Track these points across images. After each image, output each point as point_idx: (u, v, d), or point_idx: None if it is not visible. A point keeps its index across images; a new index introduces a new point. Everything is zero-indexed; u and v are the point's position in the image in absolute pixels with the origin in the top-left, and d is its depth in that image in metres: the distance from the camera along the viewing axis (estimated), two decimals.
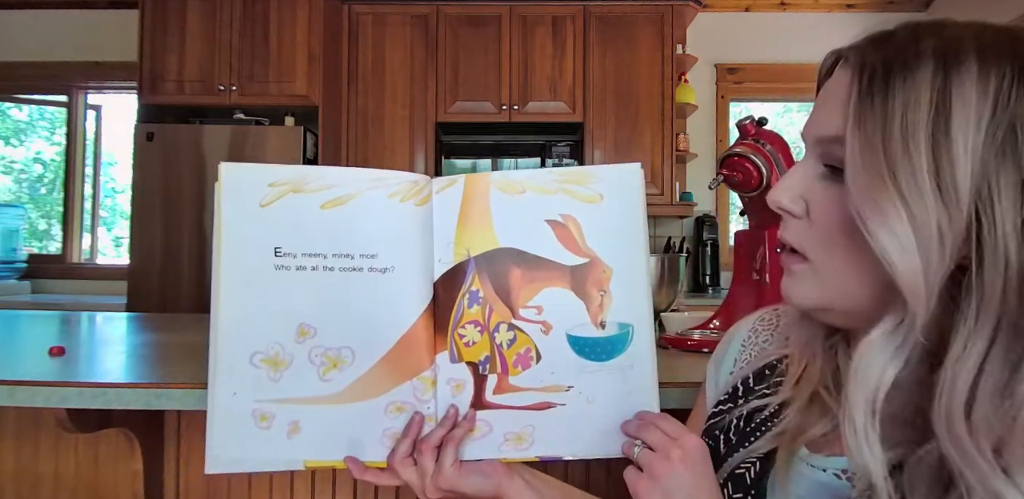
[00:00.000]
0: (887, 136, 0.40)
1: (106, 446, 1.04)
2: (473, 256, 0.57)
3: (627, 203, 0.57)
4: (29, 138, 3.83)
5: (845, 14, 3.49)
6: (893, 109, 0.41)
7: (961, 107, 0.39)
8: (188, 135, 2.81)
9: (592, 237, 0.57)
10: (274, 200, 0.55)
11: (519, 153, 3.31)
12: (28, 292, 3.37)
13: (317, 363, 0.56)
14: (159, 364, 0.99)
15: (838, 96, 0.45)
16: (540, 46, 3.14)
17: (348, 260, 0.55)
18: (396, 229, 0.56)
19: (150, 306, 2.70)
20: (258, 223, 0.55)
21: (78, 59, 3.45)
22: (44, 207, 3.83)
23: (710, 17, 3.44)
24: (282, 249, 0.55)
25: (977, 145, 0.39)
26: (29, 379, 0.81)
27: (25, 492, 1.04)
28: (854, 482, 0.47)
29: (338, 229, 0.56)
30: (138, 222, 2.78)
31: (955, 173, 0.39)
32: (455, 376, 0.57)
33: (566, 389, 0.57)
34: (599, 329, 0.57)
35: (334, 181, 0.56)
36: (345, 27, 3.14)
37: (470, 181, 0.58)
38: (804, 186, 0.47)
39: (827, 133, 0.46)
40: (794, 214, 0.48)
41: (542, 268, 0.57)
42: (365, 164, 3.14)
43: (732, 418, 0.57)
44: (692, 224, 3.42)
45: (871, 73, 0.43)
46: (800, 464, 0.51)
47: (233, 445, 0.55)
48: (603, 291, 0.57)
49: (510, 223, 0.57)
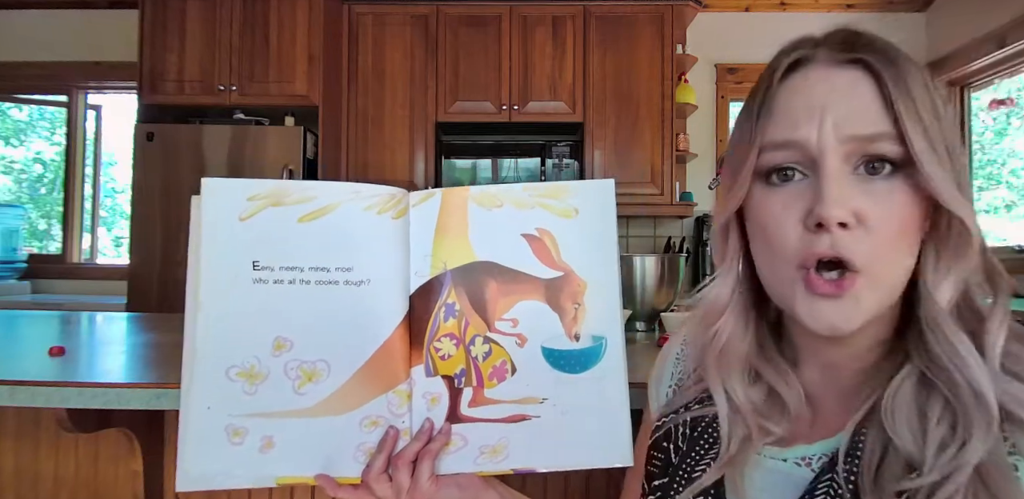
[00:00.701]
0: (928, 120, 0.45)
1: (106, 446, 1.04)
2: (450, 269, 0.57)
3: (601, 218, 0.58)
4: (29, 138, 3.83)
5: (845, 14, 3.49)
6: (919, 96, 0.45)
7: (935, 90, 0.47)
8: (188, 135, 2.81)
9: (567, 251, 0.58)
10: (254, 213, 0.56)
11: (519, 153, 3.31)
12: (28, 292, 3.37)
13: (293, 376, 0.55)
14: (159, 364, 0.99)
15: (852, 93, 0.46)
16: (540, 46, 3.14)
17: (324, 273, 0.56)
18: (372, 242, 0.56)
19: (150, 306, 2.70)
20: (238, 237, 0.55)
21: (78, 59, 3.45)
22: (44, 207, 3.83)
23: (710, 17, 3.44)
24: (260, 262, 0.55)
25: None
26: (29, 379, 0.81)
27: (25, 492, 1.04)
28: (812, 467, 0.48)
29: (315, 242, 0.56)
30: (138, 222, 2.78)
31: (955, 140, 0.46)
32: (430, 389, 0.57)
33: (541, 401, 0.57)
34: (573, 341, 0.57)
35: (312, 194, 0.56)
36: (345, 27, 3.14)
37: (447, 195, 0.58)
38: (850, 194, 0.45)
39: (866, 131, 0.45)
40: (851, 225, 0.45)
41: (518, 281, 0.57)
42: (365, 164, 3.15)
43: (676, 424, 0.57)
44: (692, 224, 3.42)
45: (887, 65, 0.46)
46: (757, 457, 0.51)
47: (205, 461, 0.55)
48: (577, 304, 0.57)
49: (487, 236, 0.58)
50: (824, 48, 0.49)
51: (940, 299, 0.46)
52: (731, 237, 0.54)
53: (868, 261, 0.45)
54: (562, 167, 3.24)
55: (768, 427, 0.51)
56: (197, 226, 0.56)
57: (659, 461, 0.57)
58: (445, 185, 3.25)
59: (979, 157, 3.36)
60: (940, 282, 0.46)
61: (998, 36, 2.97)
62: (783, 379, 0.53)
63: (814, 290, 0.46)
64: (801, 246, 0.46)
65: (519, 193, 0.58)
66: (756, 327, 0.55)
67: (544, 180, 3.26)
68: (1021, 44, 2.86)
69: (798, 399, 0.53)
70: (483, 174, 3.35)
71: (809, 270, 0.46)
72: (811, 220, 0.45)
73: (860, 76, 0.47)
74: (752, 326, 0.55)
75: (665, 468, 0.56)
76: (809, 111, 0.47)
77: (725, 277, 0.55)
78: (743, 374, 0.54)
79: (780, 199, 0.48)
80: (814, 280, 0.46)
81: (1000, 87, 3.19)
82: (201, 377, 0.55)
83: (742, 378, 0.54)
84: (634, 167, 3.14)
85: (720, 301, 0.55)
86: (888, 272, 0.46)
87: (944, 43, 3.32)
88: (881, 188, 0.45)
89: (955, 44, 3.23)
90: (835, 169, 0.45)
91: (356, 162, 3.14)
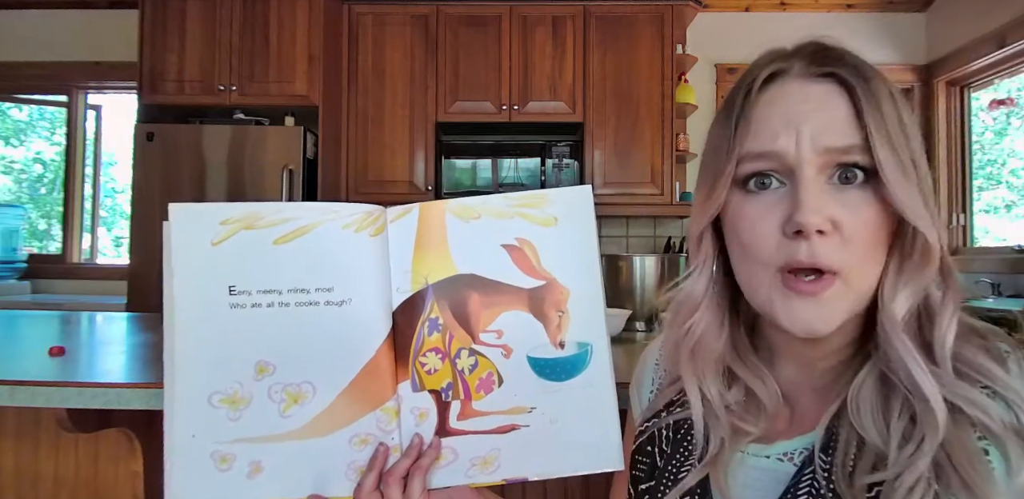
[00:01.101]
0: (895, 134, 0.46)
1: (106, 446, 1.04)
2: (431, 283, 0.57)
3: (580, 224, 0.58)
4: (29, 138, 3.83)
5: (845, 14, 3.49)
6: (887, 107, 0.47)
7: (902, 106, 0.49)
8: (188, 135, 2.81)
9: (548, 259, 0.58)
10: (226, 238, 0.55)
11: (519, 153, 3.31)
12: (28, 292, 3.37)
13: (277, 400, 0.55)
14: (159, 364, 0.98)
15: (826, 106, 0.48)
16: (540, 46, 3.14)
17: (304, 295, 0.55)
18: (352, 261, 0.56)
19: (150, 306, 2.69)
20: (211, 262, 0.55)
21: (78, 59, 3.45)
22: (44, 207, 3.83)
23: (710, 17, 3.44)
24: (236, 287, 0.55)
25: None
26: (29, 379, 0.82)
27: (25, 492, 1.04)
28: (795, 461, 0.50)
29: (292, 264, 0.55)
30: (138, 222, 2.78)
31: (920, 156, 0.48)
32: (418, 405, 0.57)
33: (529, 410, 0.57)
34: (559, 349, 0.57)
35: (287, 215, 0.55)
36: (345, 27, 3.14)
37: (425, 209, 0.58)
38: (825, 202, 0.47)
39: (840, 143, 0.47)
40: (828, 232, 0.46)
41: (500, 292, 0.57)
42: (365, 164, 3.15)
43: (659, 428, 0.58)
44: None
45: (859, 80, 0.48)
46: (740, 455, 0.52)
47: (193, 489, 0.54)
48: (561, 312, 0.57)
49: (467, 249, 0.57)
50: (798, 61, 0.50)
51: (896, 310, 0.47)
52: (706, 240, 0.56)
53: (844, 266, 0.47)
54: (562, 167, 3.24)
55: (744, 427, 0.52)
56: (169, 252, 0.55)
57: (644, 465, 0.57)
58: (445, 185, 3.25)
59: (979, 157, 3.36)
60: (898, 293, 0.48)
61: (998, 36, 2.97)
62: (759, 378, 0.54)
63: (793, 288, 0.47)
64: (780, 252, 0.48)
65: (497, 203, 0.58)
66: (731, 326, 0.56)
67: (544, 180, 3.26)
68: (1021, 44, 2.86)
69: (775, 398, 0.54)
70: (483, 174, 3.35)
71: (787, 273, 0.48)
72: (790, 227, 0.47)
73: (833, 89, 0.48)
74: (727, 324, 0.56)
75: (651, 472, 0.56)
76: (787, 123, 0.48)
77: (699, 274, 0.56)
78: (717, 374, 0.55)
79: (758, 206, 0.49)
80: (792, 280, 0.48)
81: (1000, 87, 3.19)
82: (183, 405, 0.54)
83: (716, 378, 0.55)
84: (634, 167, 3.14)
85: (694, 296, 0.56)
86: (861, 278, 0.48)
87: (944, 43, 3.32)
88: (853, 197, 0.47)
89: (955, 44, 3.23)
90: (811, 178, 0.47)
91: (356, 162, 3.14)
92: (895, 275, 0.48)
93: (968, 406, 0.44)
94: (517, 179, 3.30)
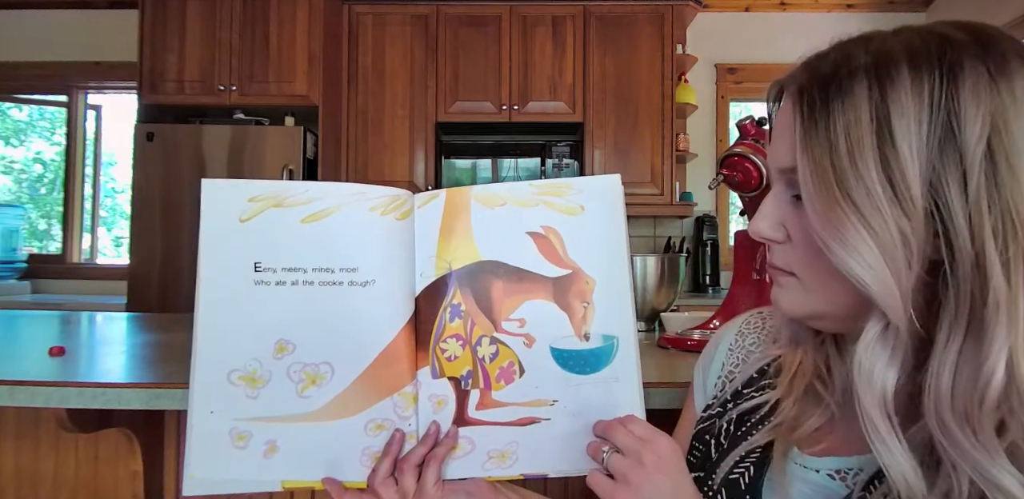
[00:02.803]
0: (835, 158, 0.42)
1: (106, 446, 1.04)
2: (455, 269, 0.57)
3: (608, 214, 0.57)
4: (29, 138, 3.83)
5: (845, 14, 3.49)
6: (836, 132, 0.42)
7: (900, 116, 0.40)
8: (188, 135, 2.80)
9: (574, 248, 0.57)
10: (254, 215, 0.55)
11: (519, 153, 3.31)
12: (28, 292, 3.37)
13: (295, 379, 0.55)
14: (159, 364, 0.99)
15: (786, 126, 0.47)
16: (540, 46, 3.14)
17: (328, 274, 0.55)
18: (377, 242, 0.56)
19: (150, 306, 2.70)
20: (238, 238, 0.55)
21: (78, 59, 3.45)
22: (44, 207, 3.83)
23: (710, 17, 3.44)
24: (262, 264, 0.55)
25: (922, 149, 0.40)
26: (29, 379, 0.81)
27: (25, 492, 1.04)
28: (848, 483, 0.47)
29: (318, 243, 0.55)
30: (138, 222, 2.78)
31: (907, 179, 0.40)
32: (437, 392, 0.56)
33: (551, 403, 0.56)
34: (583, 341, 0.57)
35: (315, 195, 0.56)
36: (345, 27, 3.14)
37: (451, 195, 0.58)
38: (779, 213, 0.49)
39: (784, 164, 0.47)
40: (776, 241, 0.50)
41: (524, 280, 0.57)
42: (365, 164, 3.14)
43: (723, 422, 0.57)
44: (692, 224, 3.42)
45: (810, 99, 0.44)
46: (792, 466, 0.50)
47: (210, 466, 0.55)
48: (586, 303, 0.57)
49: (491, 236, 0.57)
50: (790, 77, 0.49)
51: (943, 384, 0.40)
52: None
53: (796, 269, 0.49)
54: (562, 167, 3.23)
55: (821, 392, 0.51)
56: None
57: (699, 453, 0.56)
58: (445, 185, 3.25)
59: None
60: (943, 366, 0.41)
61: None
62: (839, 354, 0.53)
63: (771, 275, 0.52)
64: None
65: (523, 190, 0.58)
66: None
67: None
68: None
69: (846, 374, 0.51)
70: (483, 174, 3.35)
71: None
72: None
73: (791, 109, 0.46)
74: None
75: (703, 462, 0.55)
76: (771, 142, 0.50)
77: None
78: (815, 333, 0.54)
79: None
80: (768, 270, 0.52)
81: None
82: (203, 381, 0.55)
83: (815, 343, 0.54)
84: (634, 167, 3.14)
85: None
86: (813, 278, 0.48)
87: None
88: (804, 212, 0.46)
89: None
90: (777, 192, 0.50)
91: (356, 162, 3.14)
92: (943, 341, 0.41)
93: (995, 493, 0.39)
94: (517, 179, 3.30)
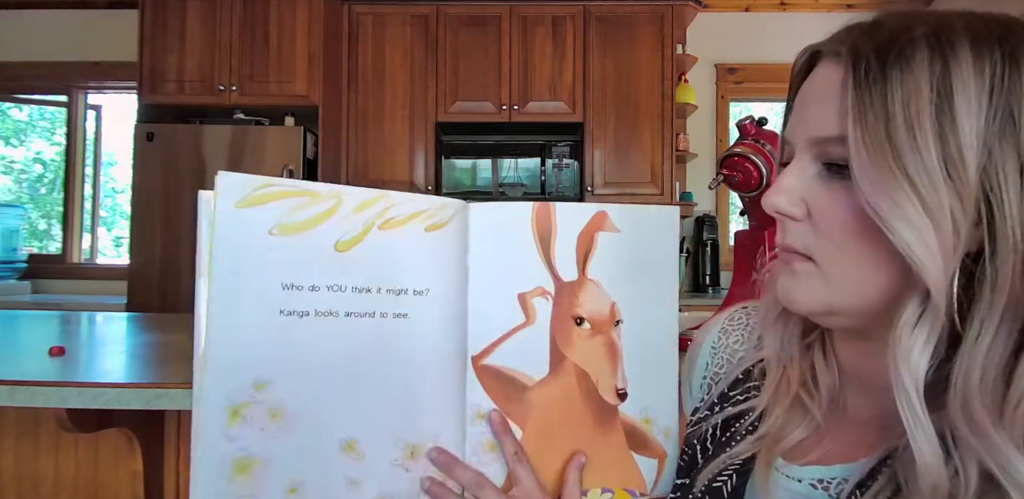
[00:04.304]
0: (892, 128, 0.40)
1: (106, 446, 1.04)
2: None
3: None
4: (29, 138, 3.83)
5: (845, 14, 3.48)
6: (893, 100, 0.40)
7: (963, 93, 0.39)
8: (188, 135, 2.81)
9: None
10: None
11: (519, 153, 3.31)
12: (28, 292, 3.37)
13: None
14: (159, 364, 0.99)
15: (828, 93, 0.44)
16: (540, 46, 3.14)
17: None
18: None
19: (150, 306, 2.70)
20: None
21: (78, 59, 3.45)
22: (44, 207, 3.83)
23: (710, 17, 3.44)
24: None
25: (980, 131, 0.39)
26: (29, 379, 0.81)
27: (25, 492, 1.04)
28: (831, 492, 0.46)
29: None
30: (138, 222, 2.78)
31: (964, 160, 0.39)
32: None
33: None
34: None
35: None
36: (345, 27, 3.14)
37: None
38: (803, 188, 0.45)
39: (824, 133, 0.44)
40: (795, 217, 0.45)
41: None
42: (365, 164, 3.14)
43: (708, 426, 0.56)
44: (692, 224, 3.42)
45: (866, 65, 0.41)
46: (776, 475, 0.49)
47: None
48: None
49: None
50: (840, 42, 0.45)
51: (903, 368, 0.40)
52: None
53: (816, 253, 0.45)
54: (562, 167, 3.24)
55: (807, 402, 0.50)
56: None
57: (687, 457, 0.56)
58: (445, 185, 3.25)
59: None
60: (902, 340, 0.41)
61: None
62: (827, 364, 0.51)
63: (781, 261, 0.47)
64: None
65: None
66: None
67: (544, 180, 3.26)
68: None
69: (833, 388, 0.50)
70: (483, 174, 3.35)
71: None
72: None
73: (838, 74, 0.43)
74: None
75: (690, 467, 0.55)
76: (796, 111, 0.47)
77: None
78: (799, 344, 0.52)
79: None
80: (779, 255, 0.48)
81: None
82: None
83: (797, 346, 0.52)
84: (634, 167, 3.14)
85: None
86: (837, 268, 0.44)
87: None
88: (838, 186, 0.44)
89: None
90: (801, 165, 0.45)
91: (356, 162, 3.14)
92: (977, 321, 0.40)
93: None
94: (517, 179, 3.30)
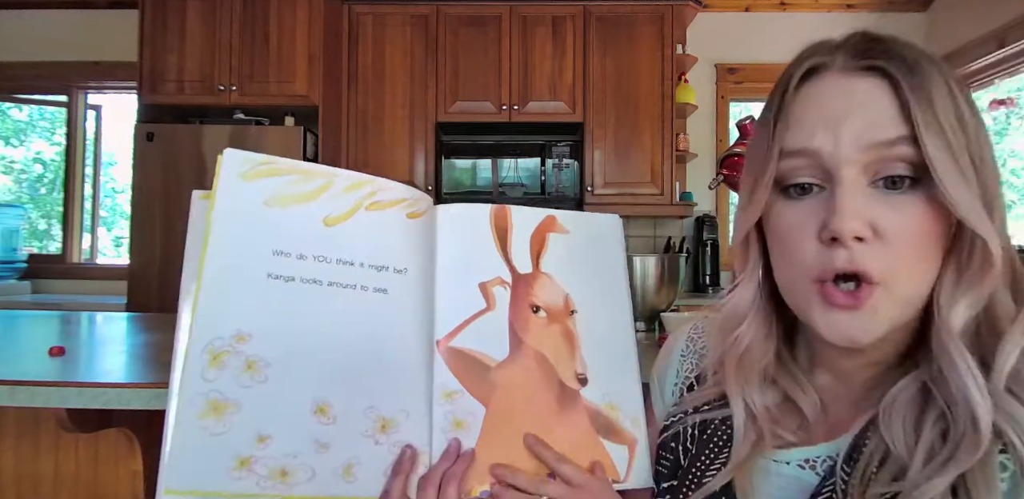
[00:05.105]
0: (949, 128, 0.43)
1: (106, 446, 1.04)
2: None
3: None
4: (29, 138, 3.83)
5: (845, 14, 3.49)
6: (941, 104, 0.44)
7: (963, 98, 0.45)
8: (188, 135, 2.80)
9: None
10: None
11: (519, 153, 3.30)
12: (28, 292, 3.37)
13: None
14: (159, 364, 0.99)
15: (869, 101, 0.45)
16: (540, 46, 3.14)
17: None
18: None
19: (150, 306, 2.69)
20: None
21: (78, 59, 3.45)
22: (44, 207, 3.83)
23: (710, 17, 3.44)
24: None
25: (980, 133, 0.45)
26: (29, 379, 0.82)
27: (25, 492, 1.04)
28: (817, 470, 0.48)
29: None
30: (138, 222, 2.78)
31: (984, 151, 0.45)
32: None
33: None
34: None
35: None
36: (345, 27, 3.14)
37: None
38: (864, 207, 0.44)
39: (884, 136, 0.44)
40: (867, 239, 0.44)
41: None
42: (365, 164, 3.14)
43: (686, 427, 0.56)
44: (692, 224, 3.42)
45: (905, 70, 0.45)
46: (763, 461, 0.51)
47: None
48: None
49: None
50: (841, 54, 0.47)
51: (953, 322, 0.44)
52: (752, 246, 0.52)
53: (886, 274, 0.44)
54: (562, 167, 3.23)
55: (782, 434, 0.51)
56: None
57: (668, 462, 0.56)
58: (445, 185, 3.25)
59: None
60: (955, 303, 0.44)
61: (998, 36, 2.96)
62: (799, 387, 0.52)
63: (832, 302, 0.45)
64: (818, 261, 0.45)
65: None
66: (777, 335, 0.54)
67: (544, 180, 3.26)
68: (1021, 44, 2.86)
69: (814, 407, 0.52)
70: (483, 174, 3.35)
71: (826, 283, 0.45)
72: (826, 234, 0.44)
73: (878, 84, 0.45)
74: (774, 335, 0.54)
75: (674, 470, 0.55)
76: (825, 121, 0.45)
77: (746, 285, 0.53)
78: (761, 381, 0.53)
79: (797, 212, 0.47)
80: (831, 292, 0.45)
81: (1000, 87, 3.18)
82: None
83: (760, 385, 0.53)
84: (634, 167, 3.14)
85: (741, 308, 0.53)
86: (907, 285, 0.45)
87: (944, 43, 3.32)
88: (900, 200, 0.44)
89: (955, 44, 3.23)
90: (851, 181, 0.44)
91: (356, 162, 3.14)
92: (953, 283, 0.45)
93: (1013, 426, 0.41)
94: (517, 179, 3.30)
